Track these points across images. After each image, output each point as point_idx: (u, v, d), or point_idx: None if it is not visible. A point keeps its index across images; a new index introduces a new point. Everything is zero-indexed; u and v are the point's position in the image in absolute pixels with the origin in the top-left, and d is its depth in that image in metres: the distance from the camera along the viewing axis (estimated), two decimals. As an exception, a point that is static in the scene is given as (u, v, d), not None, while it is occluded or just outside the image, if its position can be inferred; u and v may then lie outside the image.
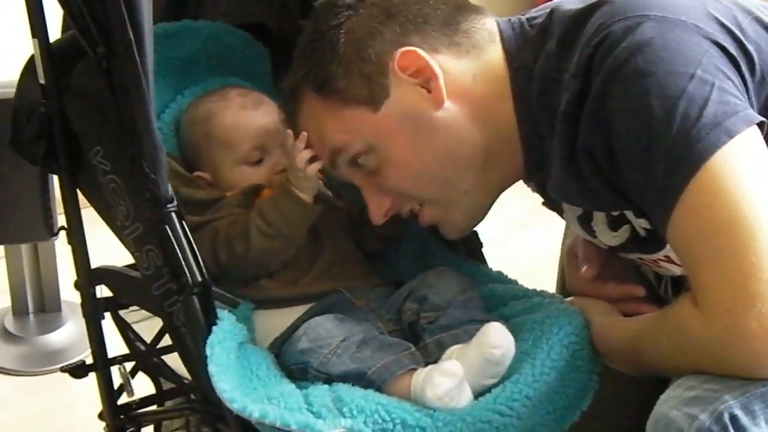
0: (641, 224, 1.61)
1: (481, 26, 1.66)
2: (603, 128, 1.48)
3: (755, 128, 1.43)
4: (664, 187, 1.42)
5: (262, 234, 1.71)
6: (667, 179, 1.42)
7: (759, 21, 1.56)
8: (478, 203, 1.75)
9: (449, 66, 1.62)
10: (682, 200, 1.41)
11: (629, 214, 1.62)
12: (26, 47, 1.74)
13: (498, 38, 1.65)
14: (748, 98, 1.48)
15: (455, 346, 1.59)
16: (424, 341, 1.63)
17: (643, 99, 1.43)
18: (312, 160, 1.70)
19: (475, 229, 1.93)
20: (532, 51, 1.62)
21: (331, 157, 1.69)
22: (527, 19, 1.68)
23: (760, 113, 1.46)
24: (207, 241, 1.71)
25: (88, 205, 1.79)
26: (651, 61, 1.44)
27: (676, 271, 1.69)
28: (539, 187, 1.76)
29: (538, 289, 1.80)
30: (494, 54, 1.64)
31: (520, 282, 1.86)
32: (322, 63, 1.64)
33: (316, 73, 1.65)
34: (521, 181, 1.78)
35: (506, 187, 1.75)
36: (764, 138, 1.45)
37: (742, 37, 1.51)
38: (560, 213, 1.76)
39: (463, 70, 1.63)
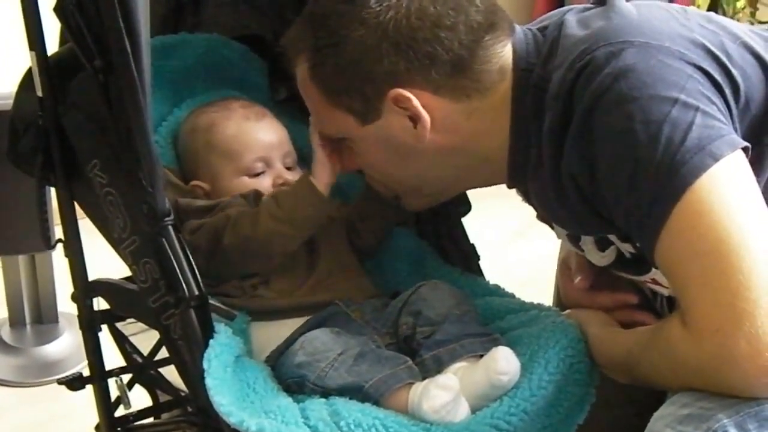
0: (626, 248, 1.62)
1: (496, 62, 1.61)
2: (587, 154, 1.48)
3: (740, 152, 1.44)
4: (650, 212, 1.43)
5: (272, 216, 1.72)
6: (652, 204, 1.42)
7: (746, 46, 1.56)
8: (439, 199, 1.85)
9: (444, 107, 1.61)
10: (669, 224, 1.41)
11: (614, 238, 1.62)
12: (24, 60, 1.74)
13: (509, 73, 1.62)
14: (732, 124, 1.48)
15: (459, 365, 1.59)
16: (422, 357, 1.62)
17: (626, 124, 1.43)
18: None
19: (472, 241, 1.95)
20: (536, 57, 1.62)
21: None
22: (538, 29, 1.68)
23: (744, 138, 1.46)
24: (219, 226, 1.73)
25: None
26: (634, 86, 1.44)
27: (665, 292, 1.69)
28: (524, 196, 1.76)
29: (536, 298, 1.81)
30: (500, 91, 1.62)
31: (518, 291, 1.86)
32: (323, 57, 1.63)
33: (314, 61, 1.65)
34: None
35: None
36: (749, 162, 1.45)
37: (727, 63, 1.51)
38: (552, 226, 1.77)
39: (459, 110, 1.62)
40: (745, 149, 1.45)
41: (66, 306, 2.68)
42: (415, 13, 1.57)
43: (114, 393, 1.88)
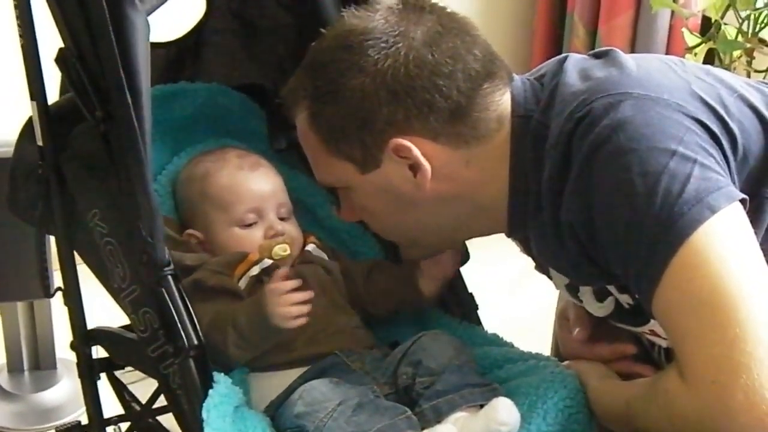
0: (624, 299, 1.62)
1: (494, 109, 1.61)
2: (585, 204, 1.49)
3: (738, 204, 1.44)
4: (647, 264, 1.43)
5: (237, 346, 1.69)
6: (650, 255, 1.42)
7: (743, 99, 1.57)
8: (439, 250, 1.84)
9: (443, 155, 1.61)
10: (666, 275, 1.41)
11: (612, 288, 1.62)
12: (25, 109, 1.75)
13: (507, 121, 1.62)
14: (730, 176, 1.49)
15: (458, 415, 1.58)
16: (421, 407, 1.61)
17: (624, 176, 1.44)
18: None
19: (470, 290, 1.95)
20: (534, 104, 1.63)
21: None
22: (536, 78, 1.69)
23: (742, 191, 1.47)
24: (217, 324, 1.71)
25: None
26: (632, 138, 1.45)
27: (663, 343, 1.69)
28: (523, 245, 1.76)
29: (535, 347, 1.81)
30: (498, 139, 1.62)
31: (516, 340, 1.86)
32: (322, 105, 1.63)
33: (313, 109, 1.65)
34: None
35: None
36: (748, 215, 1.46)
37: (725, 116, 1.52)
38: (550, 277, 1.77)
39: (458, 158, 1.62)
40: (743, 201, 1.45)
41: (64, 352, 2.67)
42: (413, 61, 1.58)
43: (112, 441, 1.88)
